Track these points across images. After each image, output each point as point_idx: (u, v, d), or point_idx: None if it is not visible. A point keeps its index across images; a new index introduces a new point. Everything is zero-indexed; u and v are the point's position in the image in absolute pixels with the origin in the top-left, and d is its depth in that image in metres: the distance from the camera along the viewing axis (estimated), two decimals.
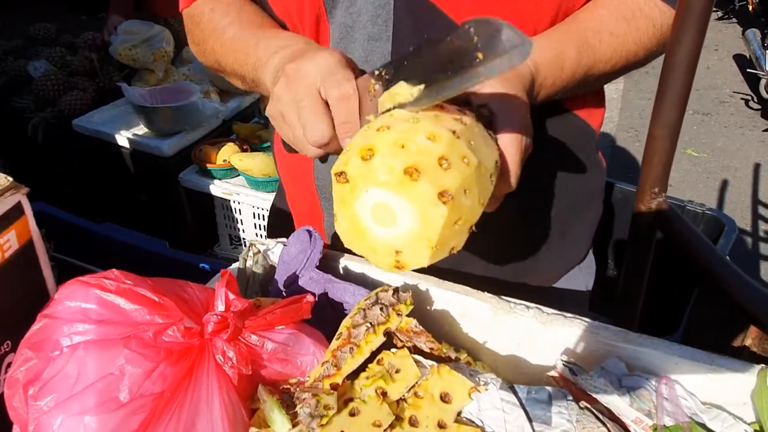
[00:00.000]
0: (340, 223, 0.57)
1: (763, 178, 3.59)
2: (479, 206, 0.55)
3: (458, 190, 0.52)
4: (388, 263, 0.55)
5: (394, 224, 0.53)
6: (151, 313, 0.55)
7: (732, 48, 5.18)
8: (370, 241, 0.55)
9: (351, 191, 0.54)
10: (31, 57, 2.68)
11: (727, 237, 1.66)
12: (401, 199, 0.51)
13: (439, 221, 0.51)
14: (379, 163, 0.51)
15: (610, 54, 0.73)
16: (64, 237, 1.00)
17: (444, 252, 0.55)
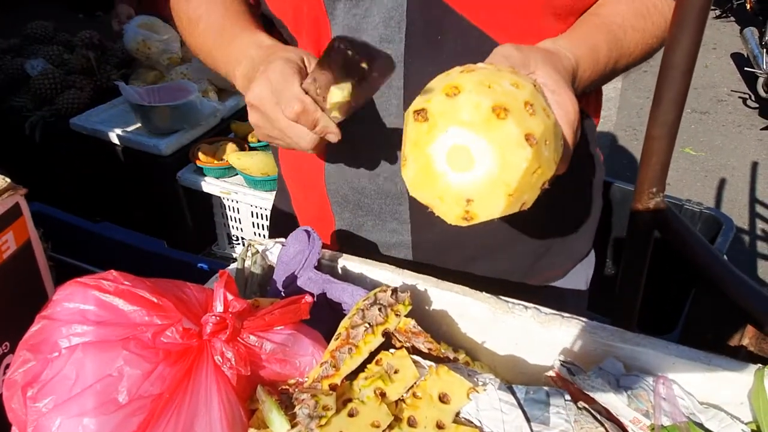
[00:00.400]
0: (410, 167, 0.54)
1: (761, 177, 3.60)
2: (554, 163, 0.54)
3: (541, 138, 0.50)
4: (457, 214, 0.53)
5: (470, 168, 0.50)
6: (150, 314, 0.55)
7: (730, 47, 5.19)
8: (440, 188, 0.52)
9: (429, 131, 0.51)
10: (28, 55, 2.68)
11: (724, 236, 1.66)
12: (484, 139, 0.49)
13: (521, 164, 0.49)
14: (465, 100, 0.49)
15: (632, 48, 0.75)
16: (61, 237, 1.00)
17: (517, 204, 0.52)
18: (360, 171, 0.82)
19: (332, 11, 0.74)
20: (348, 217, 0.87)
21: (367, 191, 0.83)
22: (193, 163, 2.25)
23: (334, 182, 0.85)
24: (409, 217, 0.83)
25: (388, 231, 0.85)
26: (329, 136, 0.66)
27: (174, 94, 2.29)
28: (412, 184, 0.55)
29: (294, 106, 0.63)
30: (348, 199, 0.85)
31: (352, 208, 0.86)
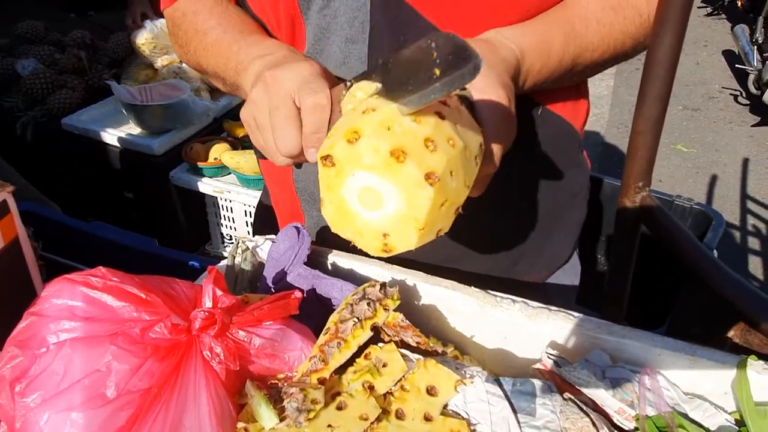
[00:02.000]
0: (327, 208, 0.57)
1: (752, 173, 3.63)
2: (465, 188, 0.56)
3: (444, 172, 0.52)
4: (376, 247, 0.56)
5: (380, 207, 0.53)
6: (138, 310, 0.55)
7: (721, 44, 5.22)
8: (357, 225, 0.55)
9: (337, 175, 0.54)
10: (19, 55, 2.66)
11: (714, 231, 1.67)
12: (387, 181, 0.51)
13: (425, 203, 0.51)
14: (365, 146, 0.51)
15: (597, 42, 0.73)
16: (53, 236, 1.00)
17: (431, 234, 0.55)
18: None
19: (306, 11, 0.74)
20: (316, 215, 0.88)
21: None
22: (186, 162, 2.25)
23: (302, 180, 0.86)
24: None
25: None
26: (310, 152, 0.63)
27: (166, 94, 2.29)
28: (332, 222, 0.57)
29: (321, 97, 0.60)
30: (315, 197, 0.86)
31: (319, 206, 0.86)
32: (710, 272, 0.73)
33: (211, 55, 0.80)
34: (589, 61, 0.74)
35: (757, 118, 4.16)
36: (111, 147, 2.33)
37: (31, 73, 2.49)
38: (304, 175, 0.85)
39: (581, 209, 0.95)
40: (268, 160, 0.92)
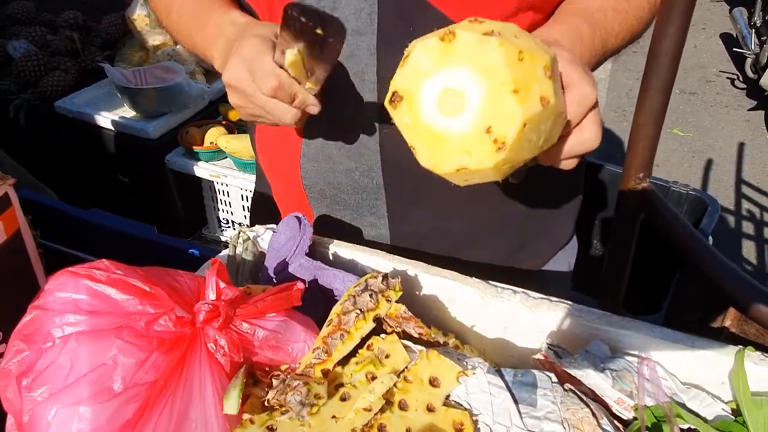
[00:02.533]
0: (420, 152, 0.53)
1: (747, 157, 3.64)
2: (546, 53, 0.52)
3: (501, 31, 0.50)
4: (489, 150, 0.50)
5: (465, 104, 0.49)
6: (143, 302, 0.55)
7: (719, 27, 5.19)
8: (457, 144, 0.50)
9: (409, 105, 0.51)
10: (9, 37, 2.62)
11: (710, 217, 1.68)
12: (452, 68, 0.49)
13: (498, 58, 0.48)
14: (415, 58, 0.50)
15: (618, 28, 0.74)
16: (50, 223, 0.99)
17: (531, 96, 0.49)
18: (335, 166, 0.82)
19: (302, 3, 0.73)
20: (326, 212, 0.88)
21: (343, 186, 0.83)
22: (182, 146, 2.23)
23: (310, 177, 0.85)
24: (386, 212, 0.84)
25: (365, 225, 0.86)
26: (310, 108, 0.66)
27: (161, 76, 2.27)
28: (435, 163, 0.53)
29: (270, 82, 0.63)
30: (325, 195, 0.86)
31: (329, 203, 0.86)
32: (707, 263, 0.74)
33: (178, 33, 0.83)
34: (613, 46, 0.75)
35: (754, 102, 4.16)
36: (105, 130, 2.31)
37: (23, 55, 2.45)
38: (313, 172, 0.85)
39: (580, 190, 0.96)
40: (269, 159, 0.92)
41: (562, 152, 0.60)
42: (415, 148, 0.54)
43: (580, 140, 0.60)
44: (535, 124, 0.50)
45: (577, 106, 0.57)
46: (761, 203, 3.21)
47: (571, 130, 0.59)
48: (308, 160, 0.84)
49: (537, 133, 0.51)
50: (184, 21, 0.81)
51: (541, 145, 0.53)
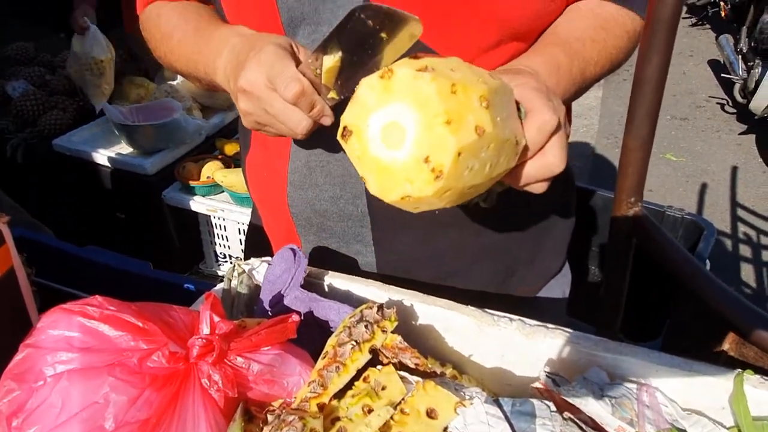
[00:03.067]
0: (370, 181, 0.55)
1: (741, 181, 3.66)
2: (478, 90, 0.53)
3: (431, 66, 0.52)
4: (427, 179, 0.52)
5: (405, 135, 0.52)
6: (136, 338, 0.55)
7: (706, 54, 5.29)
8: (401, 173, 0.52)
9: (358, 137, 0.54)
10: (9, 77, 2.66)
11: (706, 241, 1.69)
12: (391, 103, 0.52)
13: (429, 90, 0.50)
14: (363, 94, 0.53)
15: (596, 57, 0.76)
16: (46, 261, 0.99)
17: (465, 127, 0.51)
18: (321, 194, 0.83)
19: (293, 37, 0.74)
20: (313, 240, 0.88)
21: (329, 214, 0.84)
22: (179, 181, 2.25)
23: (297, 206, 0.86)
24: (372, 240, 0.84)
25: (352, 253, 0.86)
26: (324, 119, 0.66)
27: (158, 113, 2.29)
28: (381, 191, 0.55)
29: (294, 87, 0.62)
30: (311, 222, 0.86)
31: (316, 230, 0.87)
32: (703, 287, 0.74)
33: (179, 57, 0.82)
34: (594, 74, 0.77)
35: (744, 126, 4.21)
36: (103, 167, 2.32)
37: (22, 94, 2.49)
38: (300, 200, 0.85)
39: (570, 219, 0.96)
40: (259, 189, 0.93)
41: (523, 176, 0.61)
42: (365, 178, 0.56)
43: (543, 164, 0.60)
44: (472, 152, 0.52)
45: (537, 132, 0.59)
46: (758, 226, 3.22)
47: (534, 154, 0.60)
48: (295, 188, 0.84)
49: (479, 161, 0.54)
50: (185, 43, 0.80)
51: (489, 171, 0.55)
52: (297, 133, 0.66)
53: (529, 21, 0.74)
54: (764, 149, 3.88)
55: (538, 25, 0.76)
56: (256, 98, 0.65)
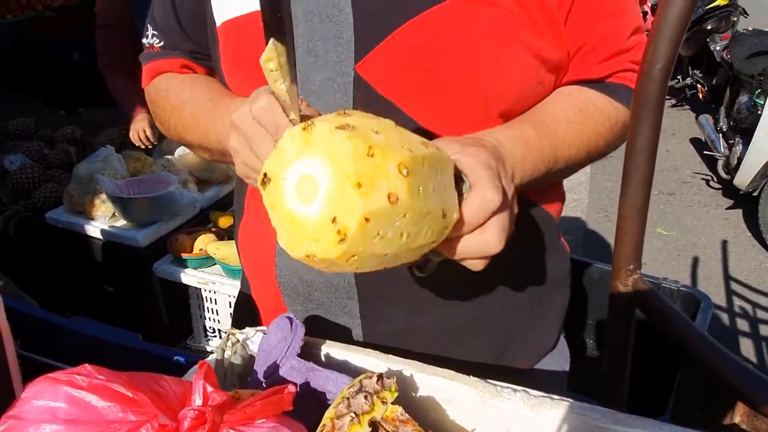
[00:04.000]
0: (279, 232, 0.54)
1: (732, 255, 3.70)
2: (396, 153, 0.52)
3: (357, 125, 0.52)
4: (333, 240, 0.50)
5: (317, 189, 0.50)
6: (125, 410, 0.52)
7: (688, 132, 5.49)
8: (308, 230, 0.51)
9: (275, 187, 0.53)
10: (7, 151, 2.70)
11: (703, 313, 1.68)
12: (306, 156, 0.51)
13: (345, 149, 0.49)
14: (283, 146, 0.52)
15: (571, 138, 0.76)
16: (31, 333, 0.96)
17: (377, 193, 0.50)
18: (309, 266, 0.82)
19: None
20: (300, 310, 0.87)
21: (316, 284, 0.83)
22: (171, 253, 2.23)
23: (285, 275, 0.85)
24: (359, 312, 0.82)
25: (339, 325, 0.85)
26: None
27: (153, 186, 2.31)
28: (288, 246, 0.54)
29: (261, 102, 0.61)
30: (298, 292, 0.85)
31: (303, 300, 0.85)
32: (709, 355, 0.72)
33: (191, 129, 0.82)
34: (568, 156, 0.76)
35: (730, 201, 4.30)
36: (94, 240, 2.31)
37: (19, 168, 2.51)
38: (287, 269, 0.85)
39: (564, 294, 0.95)
40: (249, 257, 0.92)
41: (458, 251, 0.59)
42: (277, 229, 0.55)
43: (481, 242, 0.59)
44: (382, 219, 0.50)
45: (477, 208, 0.58)
46: (753, 300, 3.22)
47: (471, 230, 0.59)
48: (282, 257, 0.84)
49: (391, 229, 0.52)
50: (198, 114, 0.81)
51: (406, 242, 0.53)
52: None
53: (515, 101, 0.76)
54: (752, 224, 3.95)
55: (525, 106, 0.77)
56: (243, 133, 0.64)
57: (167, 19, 0.86)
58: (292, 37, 0.58)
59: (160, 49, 0.88)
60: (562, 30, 0.75)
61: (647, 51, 0.65)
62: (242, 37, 0.77)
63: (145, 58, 0.91)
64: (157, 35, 0.88)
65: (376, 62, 0.72)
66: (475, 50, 0.71)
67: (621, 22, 0.79)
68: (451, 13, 0.71)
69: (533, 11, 0.71)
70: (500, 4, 0.70)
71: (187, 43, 0.86)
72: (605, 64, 0.79)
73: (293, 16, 0.74)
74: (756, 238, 3.82)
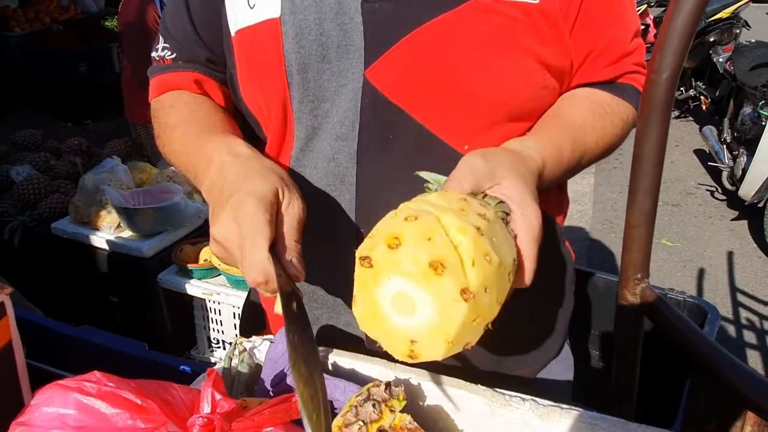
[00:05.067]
0: (358, 305, 0.57)
1: (738, 266, 3.67)
2: (497, 305, 0.57)
3: (479, 289, 0.53)
4: (402, 351, 0.55)
5: (413, 315, 0.54)
6: (133, 417, 0.52)
7: (692, 144, 5.49)
8: (387, 327, 0.56)
9: (374, 277, 0.55)
10: (14, 162, 2.72)
11: (711, 324, 1.66)
12: (423, 291, 0.52)
13: (458, 318, 0.52)
14: (405, 253, 0.53)
15: (594, 145, 0.79)
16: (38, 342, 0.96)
17: (459, 347, 0.55)
18: (313, 262, 0.82)
19: (297, 112, 0.77)
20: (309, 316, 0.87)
21: (320, 284, 0.83)
22: (176, 264, 2.23)
23: None
24: None
25: (342, 324, 0.85)
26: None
27: (159, 197, 2.32)
28: (361, 320, 0.58)
29: (257, 276, 0.61)
30: (303, 292, 0.85)
31: (307, 301, 0.86)
32: (719, 363, 0.72)
33: (175, 152, 0.81)
34: (587, 161, 0.80)
35: (735, 212, 4.29)
36: (100, 250, 2.31)
37: (25, 179, 2.52)
38: None
39: (569, 300, 0.95)
40: None
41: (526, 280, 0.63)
42: (356, 300, 0.58)
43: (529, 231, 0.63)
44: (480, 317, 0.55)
45: (530, 244, 0.62)
46: (760, 311, 3.19)
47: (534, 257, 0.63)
48: None
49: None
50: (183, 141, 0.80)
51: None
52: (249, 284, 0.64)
53: (522, 105, 0.77)
54: (757, 234, 3.93)
55: (532, 109, 0.78)
56: (226, 250, 0.64)
57: (183, 28, 0.85)
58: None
59: (171, 61, 0.88)
60: (566, 39, 0.76)
61: (654, 60, 0.66)
62: (256, 46, 0.78)
63: (154, 71, 0.90)
64: (168, 47, 0.88)
65: (385, 68, 0.73)
66: (481, 56, 0.72)
67: (625, 28, 0.82)
68: (457, 21, 0.72)
69: (537, 20, 0.73)
70: (505, 12, 0.72)
71: (203, 50, 0.85)
72: (612, 67, 0.82)
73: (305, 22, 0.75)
74: (761, 249, 3.80)
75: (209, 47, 0.85)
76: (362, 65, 0.74)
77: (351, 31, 0.74)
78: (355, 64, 0.74)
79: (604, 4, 0.78)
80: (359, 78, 0.74)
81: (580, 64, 0.81)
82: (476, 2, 0.72)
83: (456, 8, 0.72)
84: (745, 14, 5.55)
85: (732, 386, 0.69)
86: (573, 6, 0.76)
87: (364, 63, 0.74)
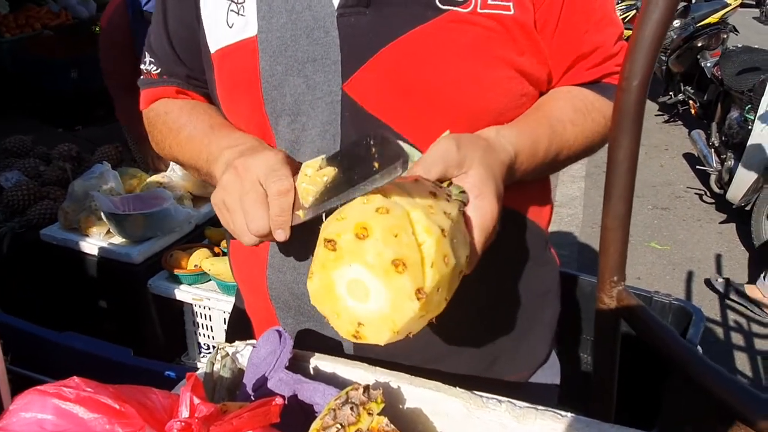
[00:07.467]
0: (315, 282, 0.60)
1: (726, 268, 3.70)
2: (445, 301, 0.60)
3: (433, 289, 0.56)
4: (348, 331, 0.59)
5: (365, 301, 0.57)
6: (111, 422, 0.53)
7: (681, 148, 5.53)
8: (338, 307, 0.59)
9: (335, 260, 0.57)
10: (3, 168, 2.70)
11: (696, 326, 1.68)
12: (381, 284, 0.55)
13: (408, 314, 0.55)
14: (371, 246, 0.55)
15: (573, 140, 0.80)
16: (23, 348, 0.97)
17: (402, 336, 0.58)
18: (299, 277, 0.84)
19: (276, 126, 0.79)
20: (291, 323, 0.88)
21: (307, 297, 0.84)
22: (166, 269, 2.23)
23: (276, 288, 0.86)
24: None
25: (329, 336, 0.86)
26: (278, 232, 0.67)
27: (148, 203, 2.31)
28: (314, 296, 0.61)
29: (283, 182, 0.66)
30: (289, 305, 0.86)
31: (294, 313, 0.87)
32: (693, 365, 0.73)
33: (186, 150, 0.86)
34: (566, 156, 0.81)
35: (723, 215, 4.32)
36: (89, 257, 2.31)
37: (14, 185, 2.51)
38: (279, 283, 0.86)
39: (554, 306, 0.96)
40: (242, 270, 0.93)
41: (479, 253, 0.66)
42: (312, 276, 0.60)
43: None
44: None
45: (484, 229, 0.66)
46: (747, 314, 3.22)
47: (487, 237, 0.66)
48: (274, 270, 0.85)
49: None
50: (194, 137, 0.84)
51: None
52: (250, 229, 0.68)
53: (501, 113, 0.78)
54: (745, 237, 3.96)
55: (512, 118, 0.80)
56: (242, 181, 0.68)
57: (162, 47, 0.89)
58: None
59: (157, 76, 0.92)
60: (542, 48, 0.78)
61: (625, 67, 0.67)
62: (237, 64, 0.80)
63: (143, 84, 0.95)
64: (153, 62, 0.91)
65: (363, 81, 0.74)
66: (459, 67, 0.73)
67: (607, 32, 0.83)
68: (434, 33, 0.73)
69: (513, 30, 0.74)
70: (481, 23, 0.73)
71: (182, 68, 0.89)
72: (595, 69, 0.83)
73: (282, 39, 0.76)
74: (749, 251, 3.83)
75: (187, 65, 0.88)
76: (340, 78, 0.75)
77: (327, 44, 0.75)
78: (332, 77, 0.75)
79: (585, 9, 0.79)
80: (337, 91, 0.75)
81: (564, 70, 0.82)
82: (452, 14, 0.73)
83: (432, 20, 0.73)
84: (733, 19, 5.62)
85: (705, 388, 0.70)
86: (552, 13, 0.77)
87: (341, 76, 0.75)
